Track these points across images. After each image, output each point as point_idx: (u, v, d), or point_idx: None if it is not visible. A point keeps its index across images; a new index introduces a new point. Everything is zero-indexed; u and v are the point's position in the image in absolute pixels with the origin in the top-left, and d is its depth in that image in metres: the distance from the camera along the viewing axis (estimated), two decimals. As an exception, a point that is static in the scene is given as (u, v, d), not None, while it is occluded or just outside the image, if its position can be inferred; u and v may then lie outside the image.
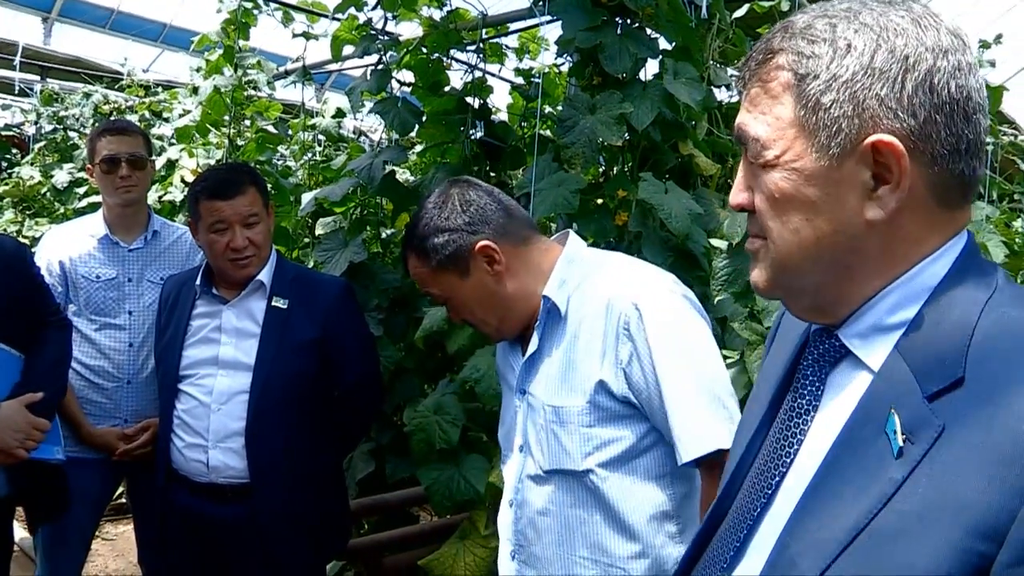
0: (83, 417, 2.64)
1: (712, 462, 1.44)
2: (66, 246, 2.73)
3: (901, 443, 0.72)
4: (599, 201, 2.66)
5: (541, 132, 2.93)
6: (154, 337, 2.55)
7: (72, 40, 10.73)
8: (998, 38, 3.89)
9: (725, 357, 2.35)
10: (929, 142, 0.77)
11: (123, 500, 4.33)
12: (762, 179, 0.84)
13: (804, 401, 0.87)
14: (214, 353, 2.29)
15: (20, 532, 4.18)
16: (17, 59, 7.64)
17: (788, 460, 0.86)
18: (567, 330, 1.58)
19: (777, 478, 0.86)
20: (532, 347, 1.62)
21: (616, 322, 1.50)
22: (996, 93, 3.71)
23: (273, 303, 2.30)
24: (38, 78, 8.34)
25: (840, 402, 0.83)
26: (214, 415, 2.25)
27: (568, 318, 1.58)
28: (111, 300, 2.69)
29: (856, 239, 0.80)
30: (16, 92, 8.00)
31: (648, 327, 1.48)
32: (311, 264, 3.20)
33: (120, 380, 2.68)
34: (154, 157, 2.88)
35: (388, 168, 3.01)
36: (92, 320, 2.68)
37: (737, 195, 0.88)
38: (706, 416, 1.46)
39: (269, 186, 2.78)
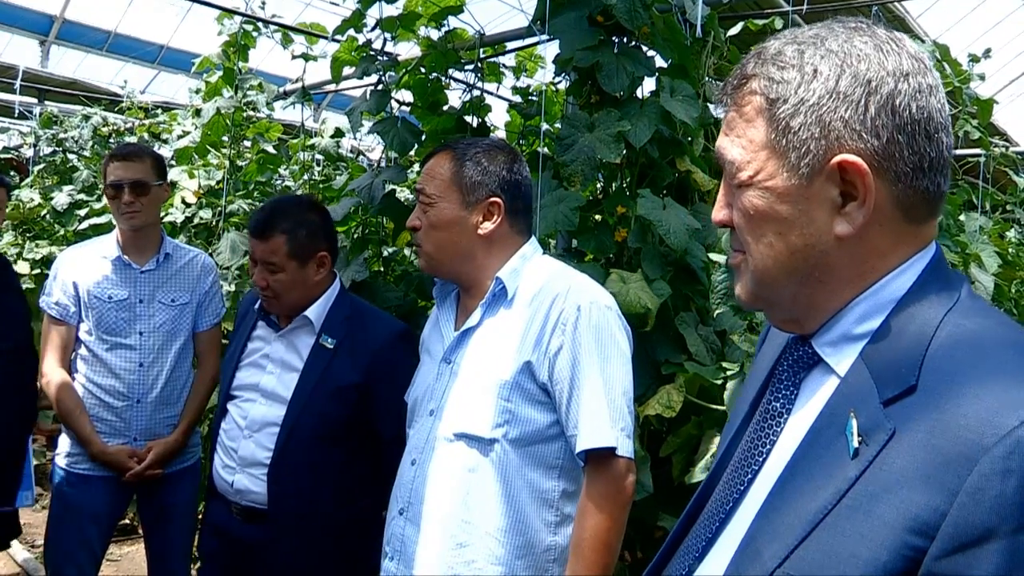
0: (95, 435, 2.68)
1: (600, 459, 1.63)
2: (80, 266, 2.78)
3: (856, 444, 0.78)
4: (597, 218, 2.69)
5: (540, 150, 2.96)
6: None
7: (70, 62, 10.80)
8: (987, 52, 3.94)
9: (725, 369, 2.39)
10: (892, 161, 0.83)
11: (126, 521, 4.34)
12: (739, 197, 0.90)
13: (778, 404, 0.93)
14: (259, 380, 2.30)
15: (23, 553, 4.18)
16: (18, 83, 7.68)
17: (761, 459, 0.92)
18: (510, 312, 1.74)
19: (750, 475, 0.92)
20: (472, 321, 1.77)
21: (557, 316, 1.68)
22: (987, 106, 3.76)
23: (320, 341, 2.26)
24: (36, 101, 8.38)
25: (810, 405, 0.89)
26: (244, 441, 2.26)
27: (514, 302, 1.75)
28: (122, 320, 2.73)
29: (827, 253, 0.86)
30: (15, 115, 8.04)
31: (582, 328, 1.66)
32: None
33: (130, 399, 2.71)
34: (165, 181, 2.87)
35: (388, 188, 3.05)
36: (103, 340, 2.72)
37: (718, 212, 0.94)
38: (606, 417, 1.64)
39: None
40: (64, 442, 2.77)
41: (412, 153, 3.25)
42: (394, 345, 2.29)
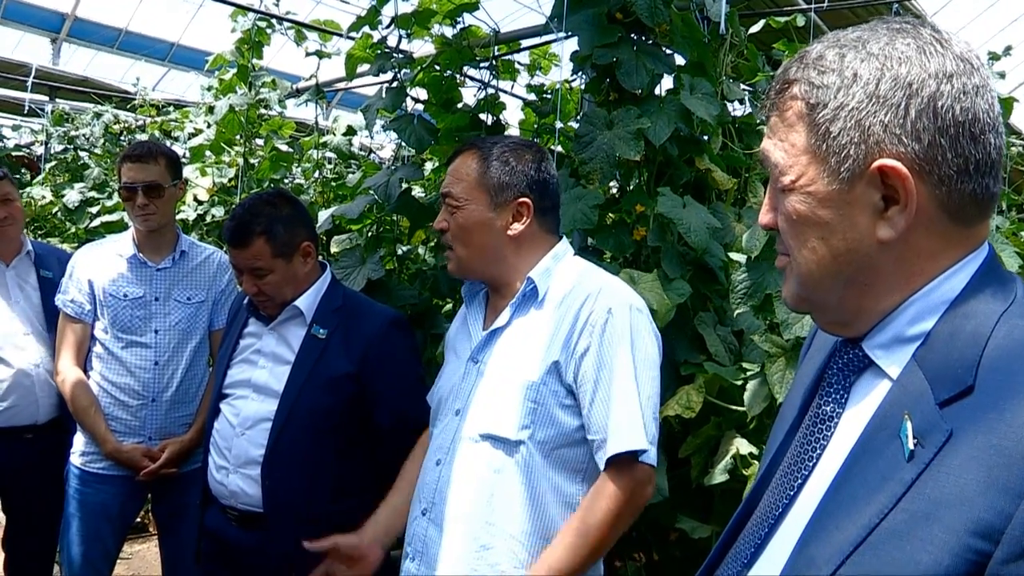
0: (109, 433, 2.67)
1: (621, 465, 1.59)
2: (95, 265, 2.77)
3: (912, 447, 0.76)
4: (613, 216, 2.67)
5: (556, 148, 2.94)
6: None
7: (80, 60, 10.83)
8: (1007, 49, 3.90)
9: (744, 370, 2.37)
10: (935, 164, 0.81)
11: (137, 520, 4.33)
12: (783, 202, 0.89)
13: (829, 408, 0.91)
14: (250, 375, 2.25)
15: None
16: (30, 80, 7.70)
17: (812, 463, 0.90)
18: (541, 312, 1.71)
19: (800, 480, 0.90)
20: (501, 321, 1.74)
21: (587, 317, 1.64)
22: (1007, 104, 3.72)
23: (312, 332, 2.22)
24: (47, 98, 8.40)
25: (862, 408, 0.87)
26: (237, 439, 2.20)
27: (544, 302, 1.71)
28: (137, 319, 2.72)
29: (870, 257, 0.85)
30: (26, 112, 8.06)
31: (610, 331, 1.63)
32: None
33: (145, 398, 2.70)
34: (180, 179, 2.86)
35: (404, 186, 3.03)
36: (119, 338, 2.71)
37: (764, 215, 0.94)
38: (631, 423, 1.60)
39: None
40: (79, 441, 2.76)
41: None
42: (388, 333, 2.24)
